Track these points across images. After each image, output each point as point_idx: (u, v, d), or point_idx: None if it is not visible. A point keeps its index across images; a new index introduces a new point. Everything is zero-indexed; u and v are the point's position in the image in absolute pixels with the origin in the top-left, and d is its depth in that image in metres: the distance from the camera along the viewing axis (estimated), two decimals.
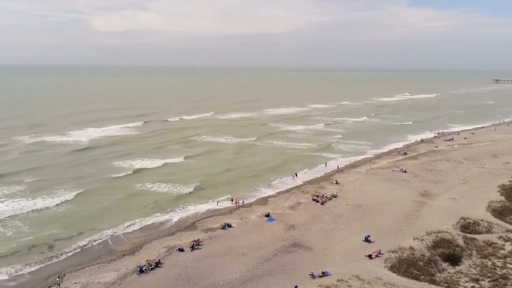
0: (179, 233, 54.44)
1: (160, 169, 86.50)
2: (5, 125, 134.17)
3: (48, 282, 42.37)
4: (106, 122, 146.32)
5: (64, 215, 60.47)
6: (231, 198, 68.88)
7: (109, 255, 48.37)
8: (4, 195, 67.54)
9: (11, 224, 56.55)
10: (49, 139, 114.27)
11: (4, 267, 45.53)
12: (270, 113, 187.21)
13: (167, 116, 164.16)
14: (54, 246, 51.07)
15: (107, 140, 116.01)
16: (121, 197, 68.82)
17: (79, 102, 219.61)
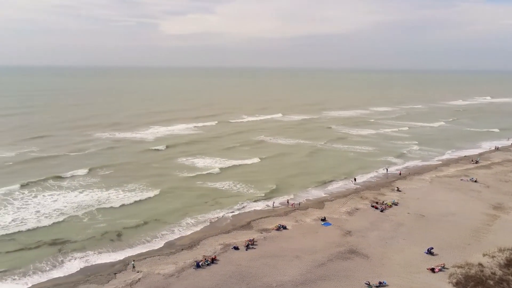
0: (234, 231, 55.45)
1: (230, 169, 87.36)
2: (87, 123, 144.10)
3: (115, 268, 45.19)
4: (177, 121, 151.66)
5: (133, 208, 64.08)
6: (287, 200, 68.73)
7: (169, 248, 50.51)
8: (82, 186, 73.49)
9: (87, 212, 61.36)
10: (125, 137, 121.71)
11: (80, 250, 49.60)
12: (333, 115, 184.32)
13: (235, 117, 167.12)
14: (122, 235, 54.55)
15: (178, 139, 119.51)
16: (189, 193, 71.53)
17: (153, 102, 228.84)
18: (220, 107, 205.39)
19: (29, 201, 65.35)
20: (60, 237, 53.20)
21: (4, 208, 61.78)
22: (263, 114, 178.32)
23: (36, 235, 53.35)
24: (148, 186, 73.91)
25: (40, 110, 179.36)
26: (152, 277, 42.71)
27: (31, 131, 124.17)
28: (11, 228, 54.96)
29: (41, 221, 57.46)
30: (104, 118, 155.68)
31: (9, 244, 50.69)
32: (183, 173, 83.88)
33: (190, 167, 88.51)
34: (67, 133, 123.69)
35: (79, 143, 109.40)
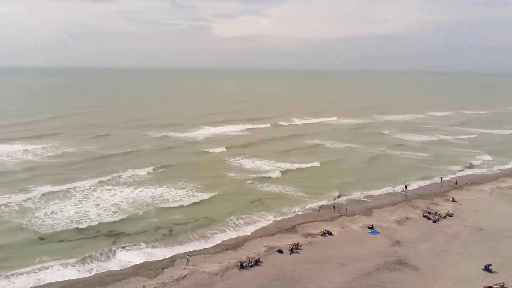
0: (279, 234, 55.54)
1: (282, 173, 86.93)
2: (144, 123, 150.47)
3: (163, 264, 47.12)
4: (232, 123, 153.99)
5: (185, 207, 66.01)
6: (333, 205, 67.61)
7: (214, 247, 51.75)
8: (137, 183, 77.40)
9: (142, 208, 64.57)
10: (180, 137, 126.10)
11: (133, 244, 52.32)
12: (388, 119, 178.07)
13: (290, 120, 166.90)
14: (173, 231, 56.71)
15: (234, 141, 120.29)
16: (238, 194, 72.67)
17: (207, 104, 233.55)
18: (274, 109, 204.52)
19: (89, 195, 69.99)
20: (115, 229, 56.40)
21: (68, 201, 66.66)
22: (318, 117, 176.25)
23: (95, 227, 56.96)
24: (201, 186, 75.87)
25: (102, 110, 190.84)
26: (197, 274, 44.00)
27: (94, 130, 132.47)
28: (74, 219, 59.32)
29: (100, 215, 61.40)
30: (161, 119, 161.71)
31: (72, 234, 54.55)
32: (235, 174, 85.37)
33: (243, 169, 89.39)
34: (125, 133, 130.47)
35: (136, 143, 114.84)
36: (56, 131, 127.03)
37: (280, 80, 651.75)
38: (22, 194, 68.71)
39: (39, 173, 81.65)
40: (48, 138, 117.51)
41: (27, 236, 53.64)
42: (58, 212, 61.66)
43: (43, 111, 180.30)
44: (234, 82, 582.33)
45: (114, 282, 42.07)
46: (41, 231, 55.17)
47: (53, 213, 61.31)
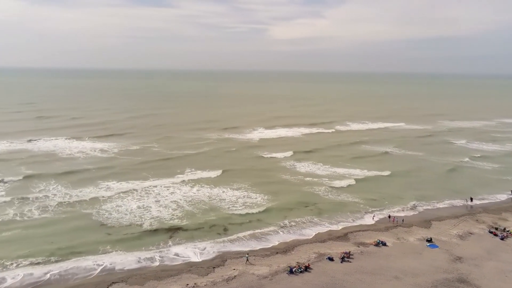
0: (330, 241, 54.75)
1: (337, 177, 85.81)
2: (206, 125, 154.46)
3: (214, 263, 48.60)
4: (296, 126, 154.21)
5: (242, 207, 67.38)
6: (389, 214, 65.10)
7: (264, 250, 52.32)
8: (195, 182, 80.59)
9: (199, 206, 67.33)
10: (239, 139, 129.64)
11: (188, 240, 54.80)
12: (455, 126, 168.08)
13: (354, 125, 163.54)
14: (228, 231, 58.35)
15: (298, 146, 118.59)
16: (294, 197, 72.79)
17: (269, 107, 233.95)
18: (336, 113, 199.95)
19: (150, 192, 74.12)
20: (173, 226, 59.08)
21: (131, 196, 71.23)
22: (384, 122, 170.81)
23: (154, 222, 60.20)
24: (257, 188, 76.93)
25: (170, 112, 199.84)
26: (247, 276, 44.82)
27: (160, 131, 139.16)
28: (136, 214, 63.28)
29: (160, 211, 64.87)
30: (224, 121, 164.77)
31: (133, 227, 58.17)
32: (292, 177, 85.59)
33: (301, 173, 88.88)
34: (189, 134, 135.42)
35: (198, 144, 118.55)
36: (125, 131, 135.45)
37: (339, 83, 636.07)
38: (92, 188, 74.67)
39: (106, 169, 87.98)
40: (117, 137, 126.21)
41: (95, 226, 58.31)
42: (122, 206, 66.13)
43: (117, 111, 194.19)
44: (293, 85, 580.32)
45: (167, 277, 44.28)
46: (107, 222, 59.67)
47: (118, 207, 65.91)
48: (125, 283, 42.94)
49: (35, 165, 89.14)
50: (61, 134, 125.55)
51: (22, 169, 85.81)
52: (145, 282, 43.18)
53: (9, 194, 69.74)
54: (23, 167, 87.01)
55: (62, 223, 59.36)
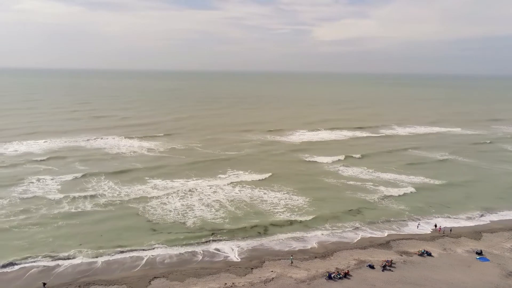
0: (371, 248, 53.37)
1: (378, 182, 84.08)
2: (255, 127, 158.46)
3: (252, 264, 49.09)
4: (344, 130, 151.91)
5: (284, 210, 67.58)
6: (435, 223, 62.21)
7: (303, 254, 52.03)
8: (235, 181, 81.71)
9: (241, 206, 68.17)
10: (285, 142, 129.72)
11: (229, 239, 55.55)
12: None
13: (404, 128, 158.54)
14: (268, 231, 58.79)
15: (347, 150, 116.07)
16: (340, 201, 72.07)
17: (314, 110, 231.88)
18: (385, 117, 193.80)
19: (194, 190, 76.11)
20: (215, 224, 60.32)
21: (176, 194, 73.67)
22: (438, 126, 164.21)
23: (197, 220, 61.80)
24: (299, 191, 76.67)
25: (218, 113, 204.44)
26: (284, 279, 44.85)
27: (206, 132, 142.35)
28: (180, 211, 65.42)
29: (203, 209, 66.60)
30: (265, 124, 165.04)
31: (176, 224, 60.17)
32: (336, 181, 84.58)
33: (345, 177, 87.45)
34: (230, 136, 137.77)
35: (243, 146, 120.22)
36: (171, 132, 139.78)
37: (385, 86, 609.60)
38: (139, 185, 78.10)
39: (153, 168, 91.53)
40: (164, 137, 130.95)
41: (141, 222, 61.01)
42: (167, 204, 68.55)
43: (163, 112, 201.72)
44: (336, 87, 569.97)
45: (206, 275, 45.40)
46: (152, 219, 62.17)
47: (162, 204, 68.42)
48: (166, 278, 44.60)
49: (88, 162, 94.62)
50: (112, 133, 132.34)
51: (77, 165, 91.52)
52: (185, 278, 44.58)
53: (64, 189, 74.63)
54: (78, 164, 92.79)
55: (111, 217, 62.63)
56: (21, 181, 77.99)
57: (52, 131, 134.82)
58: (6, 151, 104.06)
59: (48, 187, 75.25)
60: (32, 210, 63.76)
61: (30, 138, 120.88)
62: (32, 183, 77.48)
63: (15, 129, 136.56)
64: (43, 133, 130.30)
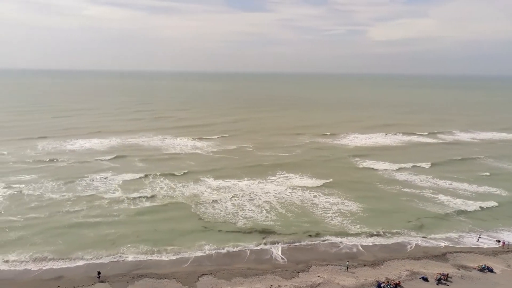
0: (425, 260, 50.77)
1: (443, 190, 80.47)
2: (303, 130, 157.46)
3: (299, 267, 48.88)
4: (392, 134, 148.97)
5: (336, 215, 66.50)
6: (499, 238, 57.65)
7: (352, 261, 50.60)
8: (286, 184, 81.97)
9: (291, 208, 68.23)
10: (332, 143, 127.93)
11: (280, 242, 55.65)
12: None
13: (474, 135, 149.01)
14: (314, 236, 58.00)
15: (395, 154, 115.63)
16: (394, 208, 69.62)
17: (373, 114, 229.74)
18: (446, 123, 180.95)
19: (245, 191, 77.40)
20: (265, 225, 60.90)
21: (227, 194, 75.27)
22: (504, 132, 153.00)
23: (248, 220, 62.90)
24: (354, 197, 74.88)
25: (274, 116, 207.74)
26: (331, 285, 44.20)
27: (254, 134, 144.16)
28: (230, 211, 66.70)
29: (253, 210, 67.43)
30: (318, 127, 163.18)
31: (227, 224, 61.50)
32: (390, 186, 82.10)
33: (403, 183, 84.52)
34: (281, 138, 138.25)
35: (290, 148, 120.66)
36: (225, 133, 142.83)
37: (447, 88, 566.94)
38: (192, 183, 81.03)
39: (206, 167, 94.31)
40: (218, 139, 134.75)
41: (193, 219, 63.28)
42: (219, 203, 70.38)
43: (217, 114, 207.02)
44: (392, 89, 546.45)
45: (253, 275, 46.01)
46: (203, 217, 64.20)
47: (214, 203, 70.40)
48: (213, 276, 45.89)
49: (146, 161, 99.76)
50: (169, 133, 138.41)
51: (137, 163, 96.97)
52: (231, 277, 45.55)
53: (124, 186, 79.41)
54: (138, 162, 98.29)
55: (165, 214, 65.54)
56: (84, 177, 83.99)
57: (114, 130, 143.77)
58: (72, 147, 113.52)
59: (109, 183, 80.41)
60: (93, 205, 68.46)
61: (94, 136, 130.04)
62: (95, 179, 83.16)
63: (81, 128, 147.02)
64: (105, 132, 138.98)
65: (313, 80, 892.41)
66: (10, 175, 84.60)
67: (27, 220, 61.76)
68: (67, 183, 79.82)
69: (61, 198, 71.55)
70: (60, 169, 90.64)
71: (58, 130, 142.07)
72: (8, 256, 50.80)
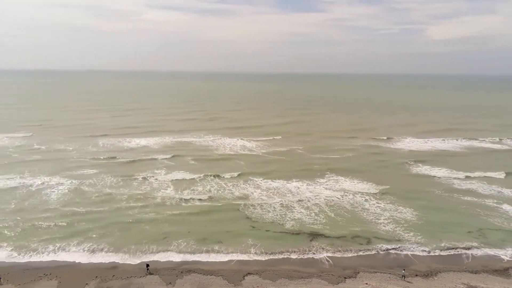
0: (484, 274, 47.25)
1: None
2: (355, 134, 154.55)
3: (345, 273, 47.74)
4: (451, 138, 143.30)
5: (389, 222, 64.23)
6: None
7: (401, 269, 48.62)
8: (336, 186, 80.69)
9: (341, 212, 67.05)
10: (385, 146, 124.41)
11: (328, 247, 54.60)
12: None
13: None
14: (370, 243, 55.74)
15: (457, 161, 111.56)
16: (455, 220, 65.76)
17: (422, 117, 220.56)
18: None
19: (293, 191, 77.08)
20: (314, 229, 60.10)
21: (276, 194, 75.53)
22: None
23: (296, 222, 62.47)
24: (407, 202, 72.15)
25: (311, 119, 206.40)
26: None
27: (304, 137, 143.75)
28: (279, 212, 66.86)
29: (302, 212, 67.02)
30: (371, 130, 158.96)
31: (275, 226, 61.44)
32: (448, 194, 77.80)
33: (464, 191, 79.37)
34: (333, 141, 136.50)
35: (342, 150, 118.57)
36: (274, 135, 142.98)
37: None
38: (242, 182, 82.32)
39: (255, 167, 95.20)
40: (268, 140, 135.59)
41: (241, 218, 64.22)
42: (267, 203, 70.70)
43: (268, 115, 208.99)
44: (454, 91, 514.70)
45: (298, 278, 45.61)
46: (251, 216, 64.87)
47: (263, 203, 70.84)
48: (259, 276, 46.13)
49: (198, 160, 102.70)
50: (220, 134, 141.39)
51: (189, 162, 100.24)
52: (277, 278, 45.51)
53: (176, 183, 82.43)
54: (190, 160, 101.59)
55: (214, 211, 67.15)
56: (139, 174, 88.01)
57: (168, 129, 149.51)
58: (129, 144, 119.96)
59: (162, 181, 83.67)
60: (147, 201, 71.60)
61: (150, 135, 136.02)
62: (149, 176, 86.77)
63: (138, 127, 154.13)
64: (160, 131, 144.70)
65: (366, 80, 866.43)
66: (74, 169, 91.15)
67: (88, 212, 66.10)
68: (124, 179, 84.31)
69: (118, 192, 75.76)
70: (118, 165, 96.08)
71: (116, 128, 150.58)
72: (70, 245, 54.72)
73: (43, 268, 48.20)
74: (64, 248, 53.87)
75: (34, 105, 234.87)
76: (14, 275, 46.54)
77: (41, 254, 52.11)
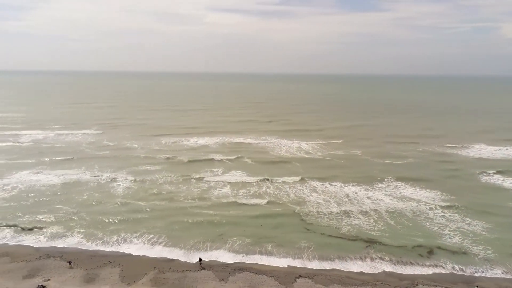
0: None
1: None
2: (421, 140, 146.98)
3: (403, 284, 45.28)
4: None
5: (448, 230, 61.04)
6: None
7: (466, 285, 45.04)
8: (396, 193, 77.27)
9: (401, 220, 64.27)
10: (453, 153, 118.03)
11: (386, 255, 52.55)
12: None
13: None
14: (433, 254, 52.94)
15: None
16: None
17: (495, 122, 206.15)
18: None
19: (351, 196, 75.03)
20: (372, 236, 57.98)
21: (332, 198, 74.09)
22: None
23: (353, 228, 60.78)
24: (475, 213, 67.45)
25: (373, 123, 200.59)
26: None
27: (363, 141, 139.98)
28: (334, 216, 65.65)
29: (359, 217, 65.04)
30: (443, 136, 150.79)
31: (330, 229, 60.44)
32: None
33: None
34: (395, 145, 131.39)
35: (404, 155, 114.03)
36: (332, 139, 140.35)
37: None
38: (299, 184, 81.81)
39: (312, 171, 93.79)
40: (326, 143, 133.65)
41: (296, 221, 63.70)
42: (324, 206, 69.53)
43: (326, 119, 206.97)
44: None
45: (351, 285, 43.84)
46: (306, 219, 64.27)
47: (319, 206, 69.90)
48: (310, 279, 45.30)
49: (256, 161, 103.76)
50: (280, 136, 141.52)
51: (247, 163, 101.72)
52: (329, 284, 44.35)
53: (234, 184, 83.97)
54: (247, 160, 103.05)
55: (270, 212, 67.46)
56: (198, 173, 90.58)
57: (226, 130, 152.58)
58: (189, 143, 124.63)
59: (220, 181, 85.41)
60: (205, 199, 73.54)
61: (209, 135, 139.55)
62: (208, 175, 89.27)
63: (197, 127, 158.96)
64: (218, 132, 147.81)
65: (433, 82, 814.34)
66: (139, 165, 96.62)
67: (150, 207, 69.61)
68: (184, 177, 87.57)
69: (178, 190, 78.82)
70: (178, 164, 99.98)
71: (177, 128, 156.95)
72: (132, 237, 57.99)
73: (107, 256, 51.61)
74: (126, 239, 57.27)
75: (106, 104, 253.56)
76: (83, 260, 50.36)
77: (106, 244, 55.91)
